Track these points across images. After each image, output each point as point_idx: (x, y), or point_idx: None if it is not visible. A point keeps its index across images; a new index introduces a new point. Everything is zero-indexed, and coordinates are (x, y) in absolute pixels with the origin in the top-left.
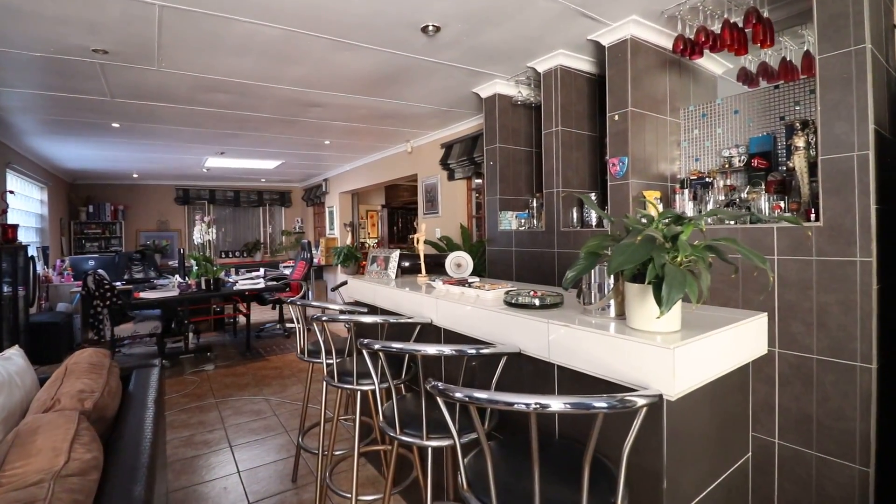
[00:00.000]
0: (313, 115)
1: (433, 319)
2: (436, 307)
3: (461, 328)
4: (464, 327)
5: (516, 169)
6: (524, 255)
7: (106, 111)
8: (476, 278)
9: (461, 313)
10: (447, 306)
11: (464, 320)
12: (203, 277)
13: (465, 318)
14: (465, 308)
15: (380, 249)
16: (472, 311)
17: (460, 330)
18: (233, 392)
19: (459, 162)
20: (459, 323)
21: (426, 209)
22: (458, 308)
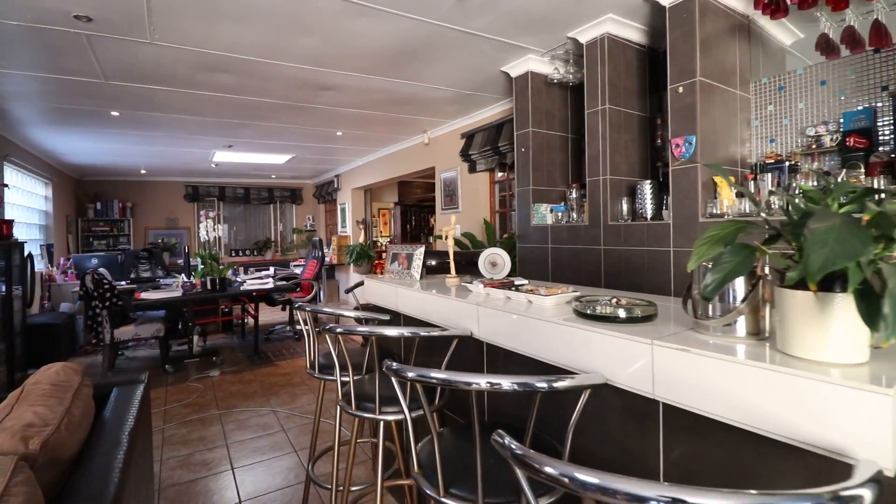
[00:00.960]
0: (324, 101)
1: (473, 331)
2: (476, 316)
3: (513, 344)
4: (517, 343)
5: (550, 156)
6: (562, 252)
7: (102, 96)
8: (523, 280)
9: (511, 325)
10: (492, 315)
11: (518, 334)
12: (208, 277)
13: (519, 332)
14: (515, 318)
15: (401, 246)
16: (528, 323)
17: (512, 346)
18: (238, 402)
19: (482, 152)
20: (511, 337)
21: (444, 204)
22: (506, 318)
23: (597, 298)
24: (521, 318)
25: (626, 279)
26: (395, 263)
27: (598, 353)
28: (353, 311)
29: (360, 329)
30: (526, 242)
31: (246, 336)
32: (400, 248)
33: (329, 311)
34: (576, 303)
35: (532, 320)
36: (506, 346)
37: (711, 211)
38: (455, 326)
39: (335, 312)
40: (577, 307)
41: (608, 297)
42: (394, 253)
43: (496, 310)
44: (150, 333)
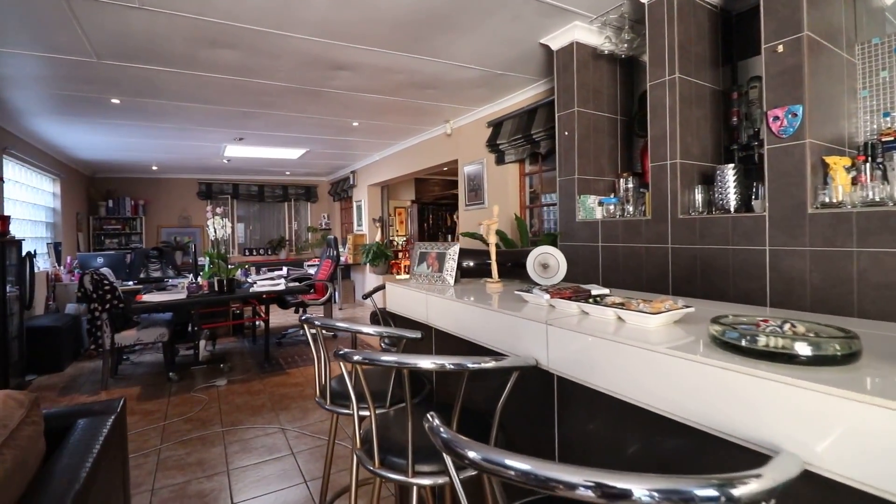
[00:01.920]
0: (339, 84)
1: (541, 360)
2: (545, 339)
3: (606, 383)
4: (619, 383)
5: (598, 141)
6: (616, 252)
7: (98, 79)
8: (602, 289)
9: (600, 354)
10: (569, 339)
11: (622, 370)
12: (216, 278)
13: (624, 367)
14: (610, 345)
15: (430, 244)
16: (637, 355)
17: (610, 388)
18: (244, 417)
19: (511, 141)
20: (598, 372)
21: (468, 200)
22: (591, 343)
23: (744, 320)
24: (617, 345)
25: (703, 284)
26: (422, 265)
27: (781, 415)
28: (372, 327)
29: (384, 359)
30: (570, 240)
31: (257, 340)
32: (428, 247)
33: (344, 327)
34: (714, 326)
35: (635, 349)
36: (594, 384)
37: (823, 200)
38: (511, 351)
39: (352, 328)
40: (714, 332)
41: (753, 317)
42: (421, 252)
43: (574, 331)
44: (154, 338)
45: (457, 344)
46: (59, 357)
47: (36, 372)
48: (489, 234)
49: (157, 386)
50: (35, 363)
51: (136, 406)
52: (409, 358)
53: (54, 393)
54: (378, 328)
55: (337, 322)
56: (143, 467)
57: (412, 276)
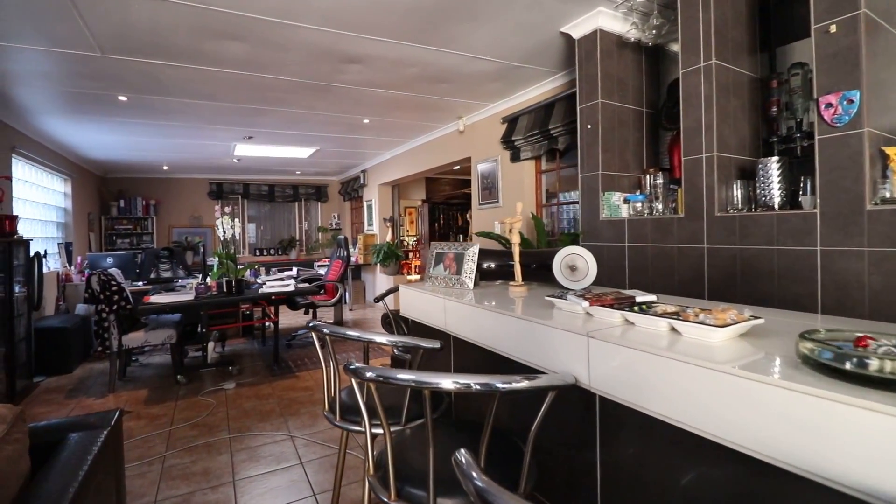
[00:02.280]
0: (350, 79)
1: (580, 378)
2: (586, 353)
3: (669, 410)
4: (676, 408)
5: (623, 135)
6: (644, 252)
7: (103, 76)
8: (648, 295)
9: (661, 374)
10: (615, 355)
11: (680, 392)
12: (224, 278)
13: (682, 389)
14: (665, 363)
15: (447, 244)
16: (701, 376)
17: (665, 413)
18: (252, 423)
19: (528, 137)
20: (662, 397)
21: (482, 199)
22: (645, 361)
23: (839, 336)
24: (675, 362)
25: (744, 288)
26: (438, 267)
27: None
28: (386, 336)
29: (401, 377)
30: (593, 240)
31: (266, 341)
32: (445, 248)
33: (355, 336)
34: (806, 343)
35: (698, 369)
36: (644, 408)
37: (884, 195)
38: (543, 365)
39: (363, 337)
40: (812, 352)
41: (846, 331)
42: (437, 253)
43: (621, 345)
44: (162, 340)
45: (479, 354)
46: (67, 358)
47: (44, 373)
48: (512, 234)
49: (165, 389)
50: (44, 364)
51: (143, 410)
52: (429, 376)
53: (61, 395)
54: (393, 337)
55: (347, 331)
56: (146, 476)
57: (427, 279)
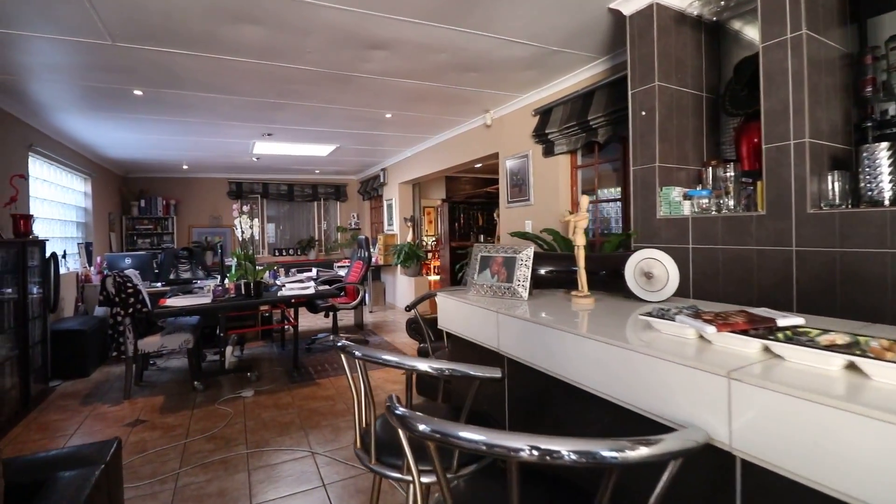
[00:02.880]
0: (373, 68)
1: (717, 434)
2: (725, 399)
3: (861, 492)
4: (873, 491)
5: (681, 123)
6: (714, 256)
7: (116, 67)
8: (794, 317)
9: (846, 436)
10: (771, 404)
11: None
12: (242, 281)
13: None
14: (851, 420)
15: (492, 246)
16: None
17: (856, 495)
18: (271, 436)
19: (563, 130)
20: (850, 472)
21: (511, 196)
22: (818, 415)
23: None
24: (875, 423)
25: (845, 299)
26: (484, 273)
27: None
28: (432, 362)
29: (469, 437)
30: (649, 242)
31: (286, 345)
32: (492, 250)
33: (395, 362)
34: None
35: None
36: (818, 482)
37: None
38: (644, 407)
39: (405, 364)
40: None
41: None
42: (483, 257)
43: (782, 392)
44: (178, 345)
45: (543, 382)
46: (84, 362)
47: (61, 377)
48: (576, 234)
49: (182, 396)
50: (60, 368)
51: (158, 419)
52: (505, 439)
53: (76, 401)
54: (440, 364)
55: (384, 354)
56: (158, 497)
57: (471, 286)
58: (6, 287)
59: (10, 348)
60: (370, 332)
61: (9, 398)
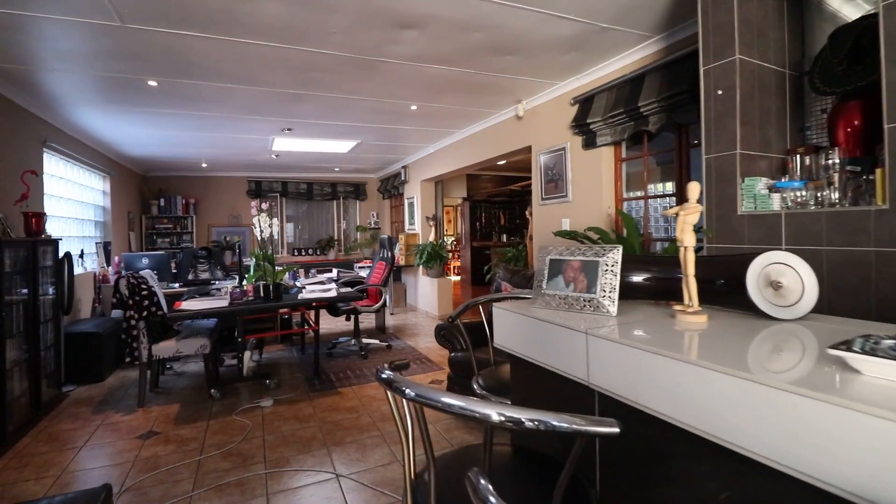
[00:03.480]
0: (401, 52)
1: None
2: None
3: None
4: None
5: (763, 104)
6: (818, 259)
7: (128, 54)
8: None
9: None
10: None
11: None
12: (261, 283)
13: None
14: None
15: (565, 247)
16: None
17: None
18: (291, 452)
19: (608, 119)
20: None
21: (545, 193)
22: None
23: None
24: None
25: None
26: (556, 280)
27: None
28: (504, 409)
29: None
30: (727, 242)
31: (306, 349)
32: (566, 253)
33: (458, 407)
34: None
35: None
36: None
37: None
38: (851, 489)
39: (477, 412)
40: None
41: None
42: (552, 260)
43: None
44: (194, 350)
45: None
46: (100, 366)
47: (75, 382)
48: (684, 232)
49: (198, 404)
50: (75, 372)
51: (172, 432)
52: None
53: (89, 408)
54: (527, 414)
55: (444, 397)
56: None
57: (538, 296)
58: (15, 288)
59: (19, 353)
60: (392, 336)
61: (18, 406)
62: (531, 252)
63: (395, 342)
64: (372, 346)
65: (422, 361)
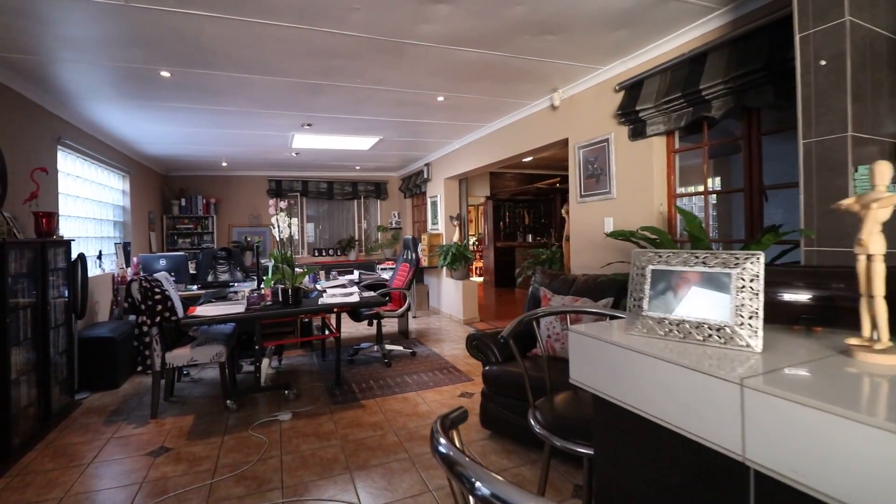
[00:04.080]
0: (431, 32)
1: None
2: None
3: None
4: None
5: (876, 76)
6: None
7: (138, 40)
8: None
9: None
10: None
11: None
12: (279, 286)
13: None
14: None
15: (672, 253)
16: None
17: None
18: (311, 477)
19: (662, 105)
20: None
21: (585, 189)
22: None
23: None
24: None
25: None
26: (663, 298)
27: None
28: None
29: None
30: (833, 245)
31: (326, 355)
32: (674, 260)
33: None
34: None
35: None
36: None
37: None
38: None
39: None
40: None
41: None
42: (654, 271)
43: None
44: (209, 358)
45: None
46: (115, 372)
47: (90, 388)
48: (871, 233)
49: (213, 416)
50: (89, 379)
51: (184, 448)
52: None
53: (101, 419)
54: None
55: (525, 499)
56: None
57: (636, 319)
58: (23, 293)
59: (27, 360)
60: (416, 342)
61: (25, 417)
62: (567, 254)
63: (419, 348)
64: (395, 353)
65: (449, 371)
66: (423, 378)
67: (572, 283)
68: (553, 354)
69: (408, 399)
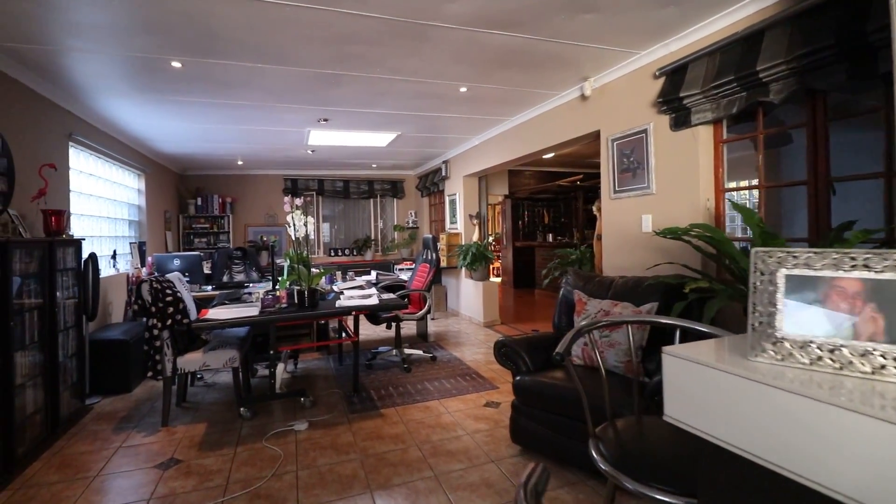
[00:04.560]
0: (457, 11)
1: None
2: None
3: None
4: None
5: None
6: None
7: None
8: None
9: None
10: None
11: None
12: (295, 287)
13: None
14: None
15: (820, 254)
16: None
17: None
18: (328, 495)
19: (710, 90)
20: None
21: (618, 185)
22: None
23: None
24: None
25: None
26: (809, 313)
27: None
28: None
29: None
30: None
31: (343, 359)
32: (820, 265)
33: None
34: None
35: None
36: None
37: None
38: None
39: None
40: None
41: None
42: (793, 277)
43: None
44: (222, 363)
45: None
46: (127, 375)
47: (101, 392)
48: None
49: (226, 424)
50: (101, 382)
51: (195, 459)
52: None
53: (110, 426)
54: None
55: None
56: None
57: (764, 342)
58: (30, 294)
59: (33, 364)
60: (436, 346)
61: (32, 424)
62: (599, 254)
63: (438, 352)
64: (414, 357)
65: (471, 377)
66: (444, 385)
67: (609, 285)
68: (590, 364)
69: (430, 408)
